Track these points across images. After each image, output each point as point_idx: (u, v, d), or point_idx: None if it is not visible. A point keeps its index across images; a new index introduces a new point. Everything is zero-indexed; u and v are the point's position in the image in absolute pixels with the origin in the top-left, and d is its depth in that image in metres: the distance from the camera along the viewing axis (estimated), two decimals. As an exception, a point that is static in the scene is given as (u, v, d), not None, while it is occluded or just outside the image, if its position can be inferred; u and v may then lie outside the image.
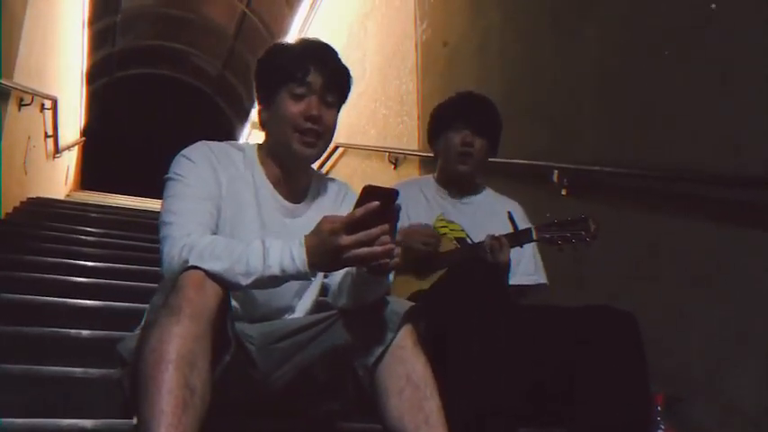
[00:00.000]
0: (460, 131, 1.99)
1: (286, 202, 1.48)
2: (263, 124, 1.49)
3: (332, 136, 1.47)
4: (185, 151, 1.41)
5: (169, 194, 1.34)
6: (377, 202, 1.10)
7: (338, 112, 1.48)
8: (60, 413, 1.70)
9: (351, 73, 1.49)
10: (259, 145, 1.52)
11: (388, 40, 5.39)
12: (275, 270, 1.17)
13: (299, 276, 1.18)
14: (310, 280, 1.20)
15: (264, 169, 1.48)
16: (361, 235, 1.11)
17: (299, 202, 1.50)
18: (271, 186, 1.47)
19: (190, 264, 1.16)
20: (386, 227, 1.12)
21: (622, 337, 1.53)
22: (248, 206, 1.43)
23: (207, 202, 1.34)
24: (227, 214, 1.39)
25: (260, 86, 1.49)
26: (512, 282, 1.88)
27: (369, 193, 1.13)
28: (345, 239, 1.11)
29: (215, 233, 1.33)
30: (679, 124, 2.21)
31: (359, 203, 1.12)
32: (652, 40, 2.38)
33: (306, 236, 1.18)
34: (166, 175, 1.38)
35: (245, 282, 1.17)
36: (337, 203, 1.54)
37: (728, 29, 2.04)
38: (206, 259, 1.16)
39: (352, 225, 1.11)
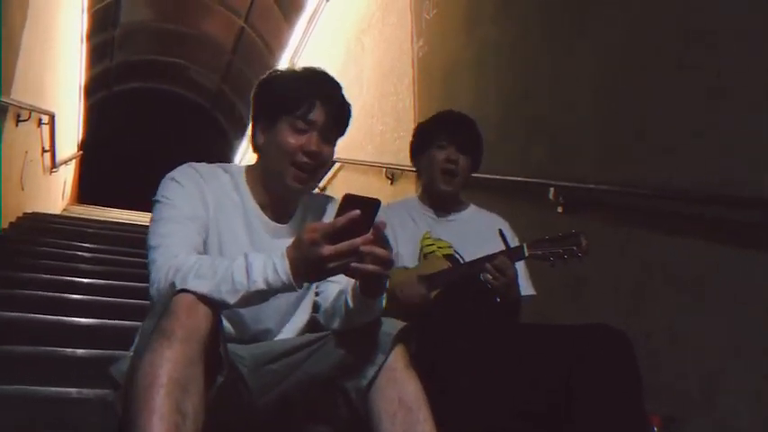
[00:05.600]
0: (445, 149, 1.98)
1: (273, 223, 1.47)
2: (257, 147, 1.48)
3: (326, 170, 1.47)
4: (172, 174, 1.41)
5: (156, 218, 1.34)
6: (357, 211, 1.10)
7: (335, 144, 1.48)
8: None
9: (351, 109, 1.49)
10: (248, 167, 1.52)
11: (385, 57, 5.42)
12: (260, 284, 1.16)
13: (284, 288, 1.17)
14: (297, 291, 1.19)
15: (252, 191, 1.47)
16: (344, 245, 1.10)
17: (286, 222, 1.49)
18: (258, 208, 1.46)
19: (177, 287, 1.15)
20: (370, 236, 1.11)
21: (616, 357, 1.52)
22: (237, 228, 1.42)
23: (194, 224, 1.34)
24: (215, 236, 1.39)
25: (259, 110, 1.48)
26: None
27: (349, 201, 1.12)
28: (327, 249, 1.10)
29: (202, 254, 1.32)
30: (674, 143, 2.22)
31: (339, 213, 1.11)
32: (648, 56, 2.39)
33: (287, 247, 1.17)
34: (154, 198, 1.38)
35: (232, 300, 1.16)
36: (324, 219, 1.53)
37: (722, 46, 2.05)
38: (190, 280, 1.15)
39: (333, 235, 1.10)
